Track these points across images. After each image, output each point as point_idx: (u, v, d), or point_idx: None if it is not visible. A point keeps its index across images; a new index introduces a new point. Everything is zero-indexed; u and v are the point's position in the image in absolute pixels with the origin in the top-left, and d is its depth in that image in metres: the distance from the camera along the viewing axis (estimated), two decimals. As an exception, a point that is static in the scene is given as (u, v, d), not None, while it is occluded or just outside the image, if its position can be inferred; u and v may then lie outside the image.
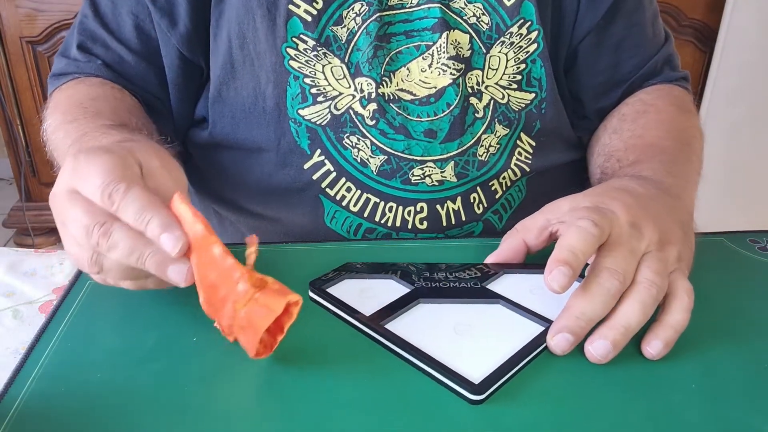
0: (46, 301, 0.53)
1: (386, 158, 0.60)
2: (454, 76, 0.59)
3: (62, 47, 0.67)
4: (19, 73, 1.75)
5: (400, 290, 0.47)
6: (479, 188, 0.63)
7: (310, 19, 0.57)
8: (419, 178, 0.61)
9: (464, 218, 0.63)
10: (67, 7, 1.69)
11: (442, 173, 0.61)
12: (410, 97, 0.59)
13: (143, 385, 0.39)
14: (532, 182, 0.66)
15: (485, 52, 0.60)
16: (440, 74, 0.59)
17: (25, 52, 1.73)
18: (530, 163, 0.64)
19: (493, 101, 0.61)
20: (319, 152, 0.60)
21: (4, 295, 0.54)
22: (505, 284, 0.47)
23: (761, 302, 0.47)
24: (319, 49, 0.58)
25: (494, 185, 0.63)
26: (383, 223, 0.62)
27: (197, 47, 0.61)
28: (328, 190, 0.61)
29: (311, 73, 0.58)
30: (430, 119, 0.60)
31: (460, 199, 0.62)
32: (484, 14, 0.59)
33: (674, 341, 0.40)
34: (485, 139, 0.61)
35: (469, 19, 0.59)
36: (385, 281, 0.48)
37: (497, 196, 0.64)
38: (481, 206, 0.64)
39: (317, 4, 0.57)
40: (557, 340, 0.40)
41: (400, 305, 0.44)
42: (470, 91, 0.60)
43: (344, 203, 0.62)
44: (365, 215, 0.62)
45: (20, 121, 1.80)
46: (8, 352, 0.47)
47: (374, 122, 0.59)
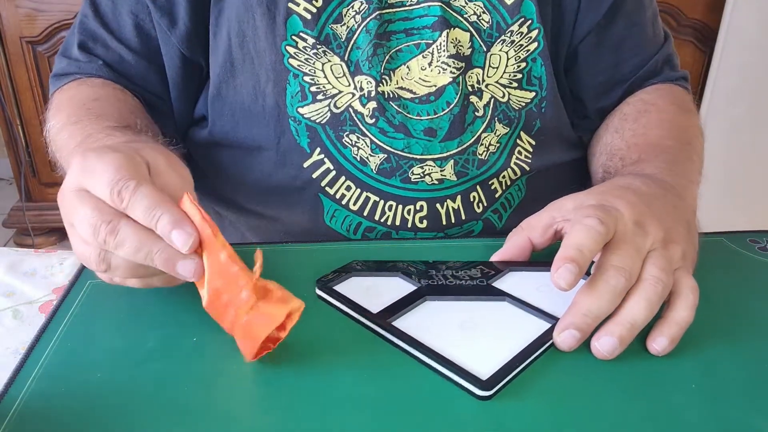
0: (46, 301, 0.53)
1: (386, 157, 0.60)
2: (454, 74, 0.59)
3: (63, 47, 0.67)
4: (19, 73, 1.75)
5: (406, 288, 0.47)
6: (479, 187, 0.63)
7: (309, 17, 0.57)
8: (419, 176, 0.61)
9: (464, 217, 0.63)
10: (67, 7, 1.69)
11: (441, 172, 0.61)
12: (410, 95, 0.59)
13: (143, 385, 0.39)
14: (531, 181, 0.66)
15: (485, 50, 0.60)
16: (440, 72, 0.59)
17: (25, 52, 1.73)
18: (530, 162, 0.64)
19: (493, 100, 0.61)
20: (318, 151, 0.60)
21: (4, 295, 0.54)
22: (511, 282, 0.48)
23: (761, 302, 0.47)
24: (318, 47, 0.58)
25: (494, 184, 0.63)
26: (383, 221, 0.62)
27: (197, 46, 0.61)
28: (327, 188, 0.61)
29: (311, 71, 0.58)
30: (429, 118, 0.60)
31: (459, 197, 0.62)
32: (484, 12, 0.59)
33: (679, 338, 0.41)
34: (485, 137, 0.61)
35: (469, 17, 0.59)
36: (391, 279, 0.48)
37: (497, 195, 0.64)
38: (480, 205, 0.64)
39: (317, 2, 0.57)
40: (564, 336, 0.40)
41: (407, 303, 0.45)
42: (470, 89, 0.60)
43: (344, 202, 0.62)
44: (365, 214, 0.62)
45: (20, 121, 1.80)
46: (8, 352, 0.47)
47: (374, 120, 0.59)
